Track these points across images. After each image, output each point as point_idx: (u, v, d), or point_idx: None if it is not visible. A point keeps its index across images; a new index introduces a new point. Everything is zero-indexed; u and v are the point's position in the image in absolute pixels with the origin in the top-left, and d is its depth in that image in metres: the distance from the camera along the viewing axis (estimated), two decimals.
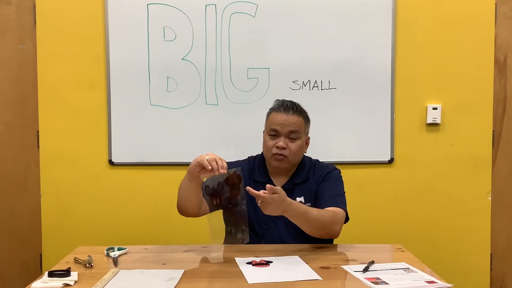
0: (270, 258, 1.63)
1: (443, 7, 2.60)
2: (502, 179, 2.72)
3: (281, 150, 1.85)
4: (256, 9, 2.58)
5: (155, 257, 1.72)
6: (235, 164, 1.99)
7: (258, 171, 1.95)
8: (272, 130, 1.88)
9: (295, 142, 1.86)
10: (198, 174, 1.65)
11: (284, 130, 1.85)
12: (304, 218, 1.68)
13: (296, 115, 1.87)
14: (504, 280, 2.75)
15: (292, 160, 1.88)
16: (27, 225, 2.71)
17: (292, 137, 1.86)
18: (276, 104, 1.91)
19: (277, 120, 1.87)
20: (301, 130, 1.88)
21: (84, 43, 2.60)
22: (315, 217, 1.70)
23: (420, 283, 1.40)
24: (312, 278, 1.46)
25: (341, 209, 1.81)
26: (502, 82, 2.69)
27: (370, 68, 2.60)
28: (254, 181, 1.93)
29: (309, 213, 1.68)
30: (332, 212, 1.77)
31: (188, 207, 1.79)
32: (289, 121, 1.85)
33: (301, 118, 1.89)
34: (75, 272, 1.47)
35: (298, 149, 1.87)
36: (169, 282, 1.42)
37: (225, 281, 1.47)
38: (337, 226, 1.77)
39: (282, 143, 1.84)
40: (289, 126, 1.85)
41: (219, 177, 1.72)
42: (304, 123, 1.90)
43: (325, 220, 1.72)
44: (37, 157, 2.65)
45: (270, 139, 1.88)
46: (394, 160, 2.65)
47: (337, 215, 1.77)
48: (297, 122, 1.87)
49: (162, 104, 2.61)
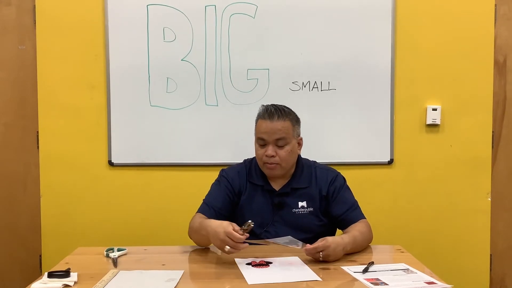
0: (270, 259, 1.63)
1: (442, 9, 2.60)
2: (501, 180, 2.72)
3: (270, 158, 1.83)
4: (256, 10, 2.58)
5: (155, 258, 1.72)
6: (231, 168, 2.00)
7: (255, 174, 1.94)
8: (259, 139, 1.86)
9: (284, 148, 1.84)
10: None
11: (270, 138, 1.83)
12: (356, 247, 1.74)
13: (282, 120, 1.83)
14: (504, 281, 2.75)
15: (285, 166, 1.86)
16: (26, 225, 2.71)
17: (280, 144, 1.83)
18: (261, 111, 1.88)
19: (263, 128, 1.84)
20: (289, 134, 1.84)
21: (84, 43, 2.60)
22: (361, 241, 1.78)
23: (419, 284, 1.40)
24: (311, 279, 1.46)
25: (364, 219, 1.90)
26: (502, 83, 2.69)
27: (369, 69, 2.60)
28: (252, 184, 1.93)
29: (357, 241, 1.75)
30: (366, 225, 1.86)
31: (202, 245, 1.83)
32: (275, 128, 1.82)
33: (287, 122, 1.84)
34: (75, 273, 1.47)
35: (289, 154, 1.85)
36: (168, 283, 1.42)
37: (224, 282, 1.47)
38: (371, 235, 1.86)
39: (270, 151, 1.82)
40: (275, 134, 1.82)
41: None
42: (292, 126, 1.86)
43: (366, 237, 1.82)
44: (36, 158, 2.65)
45: (259, 147, 1.87)
46: (394, 161, 2.65)
47: (368, 226, 1.87)
48: (283, 128, 1.83)
49: (161, 105, 2.61)
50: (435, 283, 1.41)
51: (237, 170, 1.97)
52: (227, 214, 1.87)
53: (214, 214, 1.83)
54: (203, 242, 1.79)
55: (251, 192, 1.92)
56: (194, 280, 1.50)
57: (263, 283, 1.42)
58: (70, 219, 2.64)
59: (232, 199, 1.91)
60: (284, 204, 1.89)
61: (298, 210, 1.89)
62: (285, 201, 1.89)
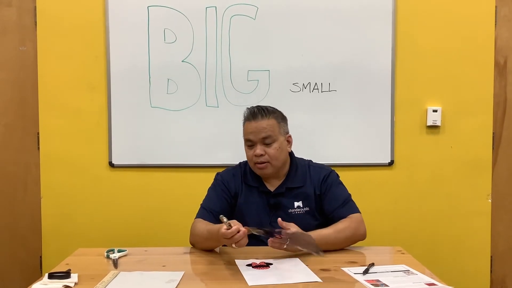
0: (270, 260, 1.63)
1: (443, 10, 2.61)
2: (502, 181, 2.72)
3: (259, 157, 1.85)
4: (257, 11, 2.58)
5: (155, 259, 1.72)
6: (226, 171, 2.01)
7: (250, 176, 1.95)
8: (247, 140, 1.89)
9: (272, 145, 1.85)
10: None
11: (257, 137, 1.85)
12: (325, 244, 1.71)
13: (266, 118, 1.85)
14: (504, 282, 2.75)
15: (275, 164, 1.87)
16: (27, 226, 2.71)
17: (267, 142, 1.85)
18: (246, 113, 1.91)
19: (249, 129, 1.87)
20: (275, 132, 1.86)
21: (84, 45, 2.60)
22: (334, 238, 1.75)
23: (420, 285, 1.40)
24: (312, 280, 1.46)
25: (356, 213, 1.86)
26: (502, 84, 2.69)
27: (370, 70, 2.60)
28: (247, 185, 1.94)
29: (329, 238, 1.73)
30: (349, 221, 1.81)
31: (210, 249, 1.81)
32: (260, 127, 1.84)
33: (272, 120, 1.86)
34: (75, 274, 1.48)
35: (277, 151, 1.86)
36: (169, 284, 1.42)
37: (225, 283, 1.47)
38: (360, 231, 1.82)
39: (259, 150, 1.84)
40: (261, 133, 1.84)
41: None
42: (277, 123, 1.88)
43: (345, 234, 1.78)
44: (37, 159, 2.65)
45: (248, 149, 1.89)
46: (394, 163, 2.65)
47: (355, 221, 1.82)
48: (268, 126, 1.85)
49: (162, 106, 2.61)
50: (436, 285, 1.41)
51: (232, 172, 1.98)
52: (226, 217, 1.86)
53: (213, 218, 1.83)
54: (210, 245, 1.79)
55: (247, 194, 1.93)
56: (194, 281, 1.50)
57: (263, 284, 1.42)
58: (70, 220, 2.64)
59: (230, 201, 1.92)
60: (280, 204, 1.90)
61: (294, 211, 1.89)
62: (281, 202, 1.90)
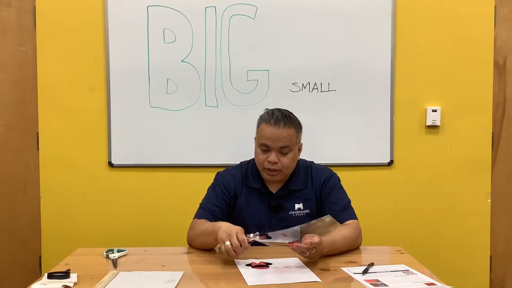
0: (270, 260, 1.63)
1: (442, 10, 2.61)
2: (501, 181, 2.72)
3: (273, 165, 1.81)
4: (256, 11, 2.58)
5: (155, 258, 1.72)
6: (226, 171, 1.99)
7: (252, 177, 1.92)
8: (262, 144, 1.82)
9: (287, 155, 1.82)
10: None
11: (275, 145, 1.80)
12: (334, 251, 1.70)
13: (287, 127, 1.80)
14: (503, 282, 2.75)
15: (286, 172, 1.86)
16: (26, 227, 2.71)
17: (284, 151, 1.81)
18: (266, 116, 1.84)
19: (268, 134, 1.80)
20: (293, 142, 1.82)
21: (84, 45, 2.60)
22: (342, 246, 1.73)
23: (419, 285, 1.40)
24: (311, 280, 1.46)
25: (355, 220, 1.85)
26: (502, 84, 2.70)
27: (369, 70, 2.60)
28: (248, 187, 1.92)
29: (336, 245, 1.70)
30: (351, 227, 1.80)
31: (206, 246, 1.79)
32: (280, 136, 1.79)
33: (292, 129, 1.81)
34: (75, 274, 1.47)
35: (291, 161, 1.84)
36: (168, 284, 1.42)
37: (224, 283, 1.47)
38: (359, 238, 1.83)
39: (273, 157, 1.80)
40: (280, 141, 1.79)
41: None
42: (296, 133, 1.83)
43: (351, 239, 1.77)
44: (36, 159, 2.65)
45: (261, 152, 1.84)
46: (394, 162, 2.65)
47: (354, 228, 1.81)
48: (288, 135, 1.80)
49: (162, 106, 2.61)
50: (435, 284, 1.41)
51: (232, 173, 1.95)
52: (224, 218, 1.86)
53: (212, 218, 1.83)
54: (209, 242, 1.74)
55: (247, 195, 1.91)
56: (194, 281, 1.50)
57: (262, 284, 1.42)
58: (70, 220, 2.64)
59: (229, 202, 1.91)
60: (281, 206, 1.89)
61: (294, 213, 1.89)
62: (282, 204, 1.89)
